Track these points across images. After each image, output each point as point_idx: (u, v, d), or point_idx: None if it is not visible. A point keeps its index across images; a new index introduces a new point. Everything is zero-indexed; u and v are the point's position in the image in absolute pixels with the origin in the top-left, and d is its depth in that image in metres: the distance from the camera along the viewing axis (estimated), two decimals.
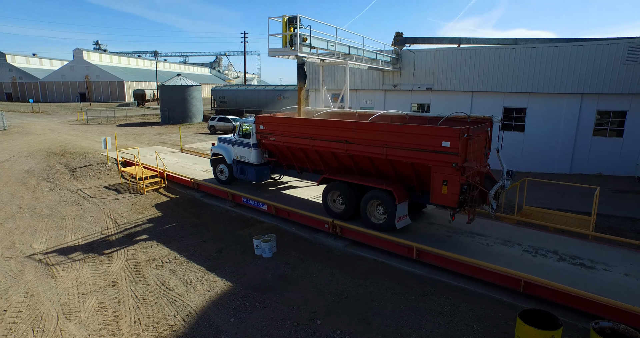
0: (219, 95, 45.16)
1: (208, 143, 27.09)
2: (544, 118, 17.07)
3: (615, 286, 7.12)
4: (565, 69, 16.17)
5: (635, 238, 10.20)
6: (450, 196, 8.36)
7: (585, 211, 12.08)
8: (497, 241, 9.15)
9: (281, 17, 11.65)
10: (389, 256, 9.21)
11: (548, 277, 7.27)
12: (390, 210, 9.36)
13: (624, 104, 15.73)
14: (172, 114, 40.31)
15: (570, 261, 8.11)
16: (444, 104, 19.53)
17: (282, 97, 41.43)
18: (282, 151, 11.95)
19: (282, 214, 11.47)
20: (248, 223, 11.78)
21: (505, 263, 7.92)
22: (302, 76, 12.21)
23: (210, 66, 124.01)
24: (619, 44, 15.29)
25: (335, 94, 23.39)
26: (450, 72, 18.87)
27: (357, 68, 18.76)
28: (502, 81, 17.61)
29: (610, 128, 16.20)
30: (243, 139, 13.02)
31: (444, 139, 8.09)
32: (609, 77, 15.54)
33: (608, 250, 8.67)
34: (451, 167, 8.15)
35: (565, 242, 9.04)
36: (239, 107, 44.30)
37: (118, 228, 11.46)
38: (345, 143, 9.80)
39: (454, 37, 19.60)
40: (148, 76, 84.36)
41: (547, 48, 16.53)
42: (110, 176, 17.37)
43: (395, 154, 8.97)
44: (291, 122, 11.05)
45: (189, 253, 9.73)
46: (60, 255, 9.72)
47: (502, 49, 17.61)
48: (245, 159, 13.03)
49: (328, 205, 10.73)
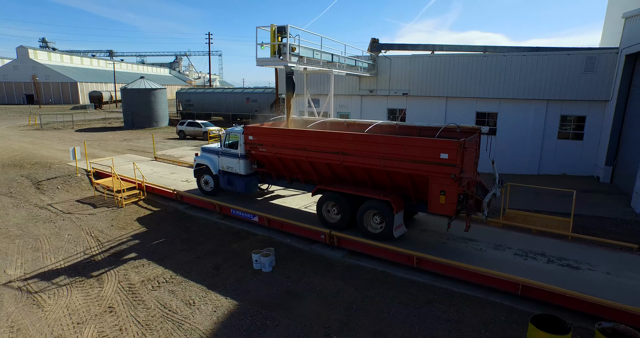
0: (184, 98, 43.81)
1: (180, 149, 26.26)
2: (513, 122, 18.09)
3: (602, 285, 7.72)
4: (532, 76, 17.23)
5: (605, 236, 11.09)
6: (448, 206, 8.69)
7: (559, 211, 12.95)
8: (489, 246, 9.62)
9: (269, 26, 11.54)
10: (388, 265, 9.41)
11: (541, 279, 7.76)
12: (387, 220, 9.57)
13: (584, 109, 17.02)
14: (136, 119, 38.60)
15: (557, 263, 8.69)
16: (419, 110, 20.17)
17: (250, 101, 40.92)
18: (272, 161, 11.85)
19: (275, 225, 11.38)
20: (240, 235, 11.58)
21: (501, 267, 8.35)
22: (290, 86, 12.16)
23: (170, 66, 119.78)
24: (578, 55, 16.52)
25: (313, 99, 23.47)
26: (425, 79, 19.50)
27: (335, 74, 18.92)
28: (474, 87, 18.46)
29: (572, 132, 17.46)
30: (230, 149, 12.76)
31: (443, 151, 8.39)
32: (570, 85, 16.75)
33: (588, 250, 9.38)
34: (449, 178, 8.47)
35: (550, 244, 9.66)
36: (206, 110, 43.26)
37: (102, 247, 10.87)
38: (341, 154, 9.89)
39: (428, 44, 20.28)
40: (104, 76, 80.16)
41: (516, 56, 17.53)
42: (82, 188, 16.41)
43: (393, 166, 9.18)
44: (284, 134, 10.99)
45: (185, 271, 9.43)
46: (43, 281, 9.08)
47: (473, 57, 18.46)
48: (233, 169, 12.79)
49: (323, 216, 10.78)
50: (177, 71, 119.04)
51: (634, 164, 14.58)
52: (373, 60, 20.23)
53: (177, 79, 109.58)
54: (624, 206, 13.47)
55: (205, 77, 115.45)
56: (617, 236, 11.27)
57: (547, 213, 12.91)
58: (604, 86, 16.25)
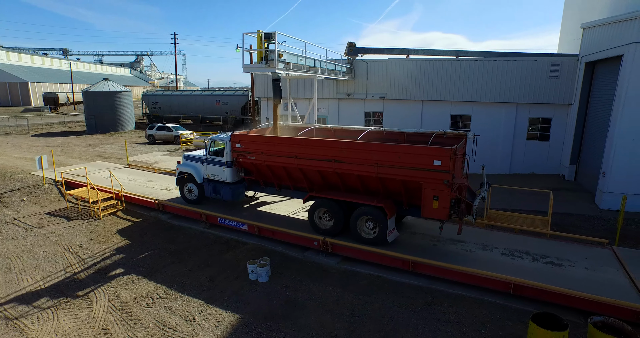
0: (151, 100, 42.24)
1: (152, 154, 25.34)
2: (486, 124, 18.93)
3: (583, 280, 8.30)
4: (502, 80, 18.12)
5: (577, 232, 11.90)
6: (441, 210, 9.01)
7: (534, 209, 13.75)
8: (477, 246, 10.06)
9: (255, 32, 11.43)
10: (383, 270, 9.61)
11: (529, 277, 8.24)
12: (381, 225, 9.77)
13: (549, 112, 18.13)
14: (100, 123, 36.85)
15: (541, 261, 9.24)
16: (396, 112, 20.65)
17: (221, 103, 40.13)
18: (261, 169, 11.74)
19: (266, 234, 11.29)
20: (230, 245, 11.39)
21: (491, 267, 8.77)
22: (277, 92, 12.09)
23: (130, 66, 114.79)
24: (544, 61, 17.57)
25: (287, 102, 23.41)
26: (402, 82, 19.99)
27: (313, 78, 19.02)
28: (449, 90, 19.14)
29: (540, 133, 18.54)
30: (215, 157, 12.52)
31: (436, 158, 8.69)
32: (537, 89, 17.78)
33: (566, 247, 10.04)
34: (442, 183, 8.78)
35: (532, 242, 10.25)
36: (175, 113, 41.95)
37: (84, 263, 10.33)
38: (334, 161, 9.98)
39: (403, 48, 20.80)
40: (59, 76, 75.50)
41: (487, 61, 18.37)
42: (51, 200, 15.48)
43: (386, 173, 9.38)
44: (274, 141, 10.93)
45: (178, 285, 9.17)
46: (22, 305, 8.50)
47: (448, 61, 19.14)
48: (219, 177, 12.56)
49: (315, 222, 10.82)
50: (139, 71, 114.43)
51: (595, 163, 15.72)
52: (350, 64, 20.48)
53: (139, 79, 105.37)
54: (590, 203, 14.48)
55: (169, 78, 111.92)
56: (587, 231, 12.13)
57: (523, 211, 13.66)
58: (567, 91, 17.39)
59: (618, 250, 9.74)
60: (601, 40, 14.81)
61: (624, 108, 12.70)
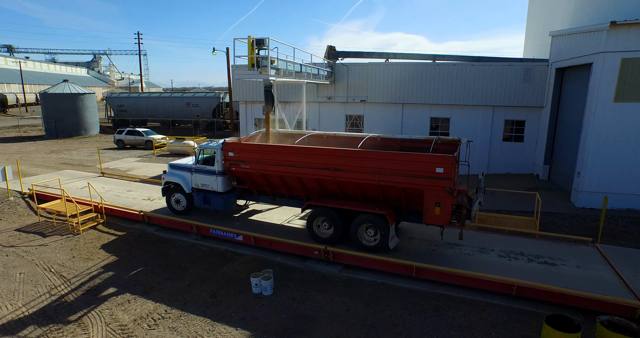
0: (116, 103, 40.30)
1: (124, 161, 24.14)
2: (464, 127, 19.58)
3: (577, 278, 8.76)
4: (480, 84, 18.82)
5: (560, 231, 12.57)
6: (443, 216, 9.20)
7: (517, 210, 14.38)
8: (474, 249, 10.36)
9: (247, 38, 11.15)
10: (386, 276, 9.68)
11: (528, 278, 8.59)
12: (383, 232, 9.84)
13: (523, 114, 19.04)
14: (60, 127, 34.70)
15: (536, 261, 9.67)
16: (377, 116, 20.91)
17: (191, 105, 38.99)
18: (254, 178, 11.48)
19: (263, 244, 11.06)
20: (225, 257, 11.06)
21: (492, 270, 9.07)
22: (270, 99, 11.86)
23: (87, 66, 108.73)
24: (518, 66, 18.42)
25: None
26: (382, 86, 20.26)
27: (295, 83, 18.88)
28: (428, 94, 19.62)
29: (514, 135, 19.43)
30: (205, 166, 12.10)
31: (438, 165, 8.85)
32: (512, 93, 18.62)
33: (555, 246, 10.56)
34: (444, 190, 8.96)
35: (524, 243, 10.70)
36: (142, 116, 40.33)
37: (70, 284, 9.66)
38: (333, 170, 9.93)
39: (382, 52, 21.06)
40: (6, 76, 70.02)
41: (465, 66, 19.01)
42: (19, 215, 14.37)
43: (388, 180, 9.44)
44: (270, 150, 10.70)
45: (179, 303, 8.78)
46: (6, 336, 7.81)
47: (426, 65, 19.61)
48: (209, 187, 12.15)
49: (314, 231, 10.73)
50: (97, 71, 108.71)
51: (567, 163, 16.68)
52: (331, 67, 20.49)
53: (97, 80, 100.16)
54: (566, 202, 15.34)
55: (130, 79, 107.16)
56: (568, 230, 12.84)
57: (506, 212, 14.25)
58: (539, 94, 18.33)
59: (601, 247, 10.36)
60: (570, 48, 15.73)
61: (596, 113, 13.55)
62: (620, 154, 13.63)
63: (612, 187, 14.00)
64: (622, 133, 13.44)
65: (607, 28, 12.74)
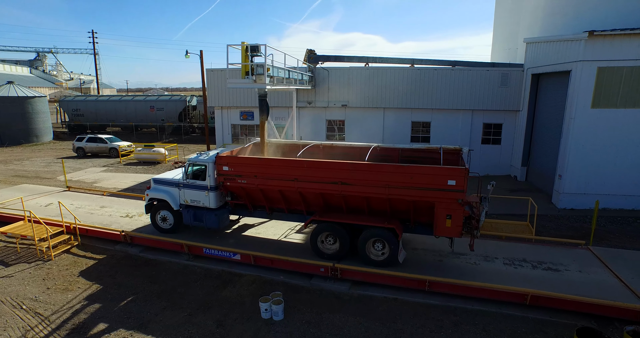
0: (71, 107, 37.40)
1: (88, 171, 22.30)
2: (444, 130, 19.93)
3: (582, 284, 8.99)
4: (459, 88, 19.20)
5: (548, 233, 12.99)
6: (454, 229, 9.11)
7: (505, 213, 14.71)
8: (479, 258, 10.40)
9: (240, 44, 10.49)
10: (397, 291, 9.45)
11: (537, 286, 8.71)
12: (392, 246, 9.62)
13: (500, 118, 19.67)
14: (6, 133, 31.70)
15: (540, 267, 9.85)
16: (358, 120, 20.76)
17: (155, 109, 37.04)
18: (252, 193, 10.85)
19: (263, 263, 10.47)
20: (224, 279, 10.35)
21: (501, 279, 9.14)
22: (264, 109, 11.24)
23: (30, 64, 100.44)
24: (495, 71, 18.99)
25: (244, 111, 22.32)
26: (363, 90, 20.15)
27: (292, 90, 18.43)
28: (409, 98, 19.75)
29: (492, 138, 20.03)
30: (195, 181, 11.29)
31: (450, 178, 8.74)
32: (490, 97, 19.17)
33: (552, 250, 10.85)
34: (456, 202, 8.87)
35: (523, 249, 10.90)
36: (101, 121, 37.76)
37: (50, 323, 8.55)
38: (340, 184, 9.55)
39: (362, 56, 20.92)
40: None
41: (445, 70, 19.32)
42: None
43: (398, 194, 9.21)
44: (270, 164, 10.12)
45: (184, 336, 8.02)
46: None
47: (407, 70, 19.73)
48: (200, 203, 11.36)
49: (318, 247, 10.31)
50: (42, 70, 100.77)
51: (544, 165, 17.40)
52: (311, 71, 20.07)
53: (43, 80, 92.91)
54: (547, 203, 15.94)
55: (81, 79, 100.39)
56: (555, 231, 13.31)
57: (495, 216, 14.54)
58: (515, 98, 19.00)
59: (595, 250, 10.77)
60: (546, 55, 16.38)
61: (576, 118, 14.16)
62: (596, 157, 14.35)
63: (589, 188, 14.72)
64: (598, 137, 14.15)
65: (585, 38, 13.32)
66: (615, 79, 13.50)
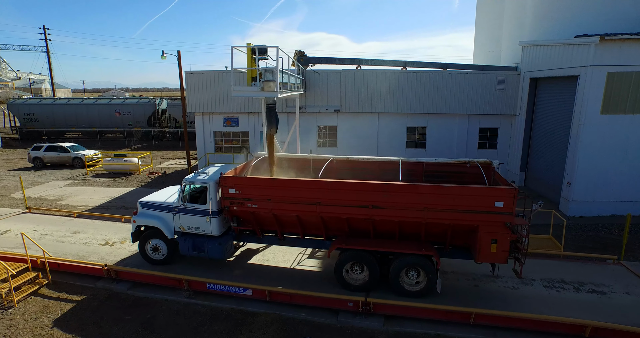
0: (23, 111, 33.72)
1: (50, 186, 19.68)
2: (441, 135, 19.29)
3: (635, 308, 8.38)
4: (456, 92, 18.60)
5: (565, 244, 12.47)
6: (500, 254, 8.21)
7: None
8: (515, 280, 9.60)
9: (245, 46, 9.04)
10: (437, 326, 8.40)
11: (589, 314, 8.03)
12: (430, 275, 8.61)
13: (496, 122, 19.28)
14: None
15: (584, 290, 9.18)
16: (351, 126, 19.72)
17: (122, 113, 34.19)
18: (262, 218, 9.44)
19: (280, 298, 9.12)
20: (235, 319, 8.87)
21: (549, 306, 8.42)
22: (274, 120, 9.82)
23: None
24: (492, 75, 18.53)
25: (228, 117, 20.66)
26: (357, 94, 19.10)
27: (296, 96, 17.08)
28: (404, 102, 18.93)
29: (488, 142, 19.61)
30: (194, 204, 9.72)
31: (498, 199, 7.82)
32: (486, 101, 18.71)
33: (586, 268, 10.27)
34: (502, 226, 7.97)
35: (555, 267, 10.27)
36: (59, 126, 34.33)
37: None
38: (371, 208, 8.38)
39: (354, 58, 19.84)
40: None
41: (441, 74, 18.64)
42: None
43: (436, 217, 8.19)
44: (288, 185, 8.75)
45: None
46: None
47: (402, 73, 18.89)
48: (200, 230, 9.82)
49: (344, 277, 9.10)
50: None
51: (544, 170, 17.12)
52: (302, 74, 18.75)
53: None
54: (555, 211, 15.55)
55: (31, 79, 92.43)
56: (573, 242, 12.85)
57: None
58: (512, 102, 18.65)
59: (629, 265, 10.30)
60: (547, 59, 16.04)
61: (585, 125, 13.82)
62: (606, 164, 14.11)
63: (597, 195, 14.48)
64: (608, 143, 13.89)
65: (595, 42, 12.96)
66: (625, 84, 13.27)
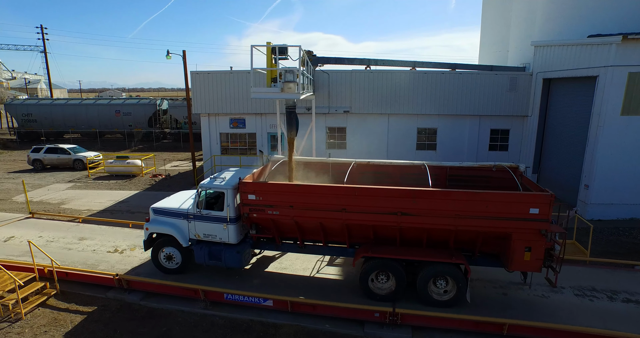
0: (22, 111, 33.10)
1: (52, 189, 19.16)
2: (451, 137, 18.95)
3: None
4: (466, 93, 18.27)
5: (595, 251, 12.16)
6: (533, 262, 7.89)
7: None
8: (545, 288, 9.29)
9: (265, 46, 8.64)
10: (467, 337, 8.09)
11: (629, 326, 7.69)
12: (460, 284, 8.27)
13: (507, 123, 18.98)
14: None
15: (618, 299, 8.88)
16: (361, 128, 19.35)
17: (122, 114, 33.65)
18: (283, 225, 9.06)
19: (303, 309, 8.74)
20: (257, 331, 8.48)
21: (583, 316, 8.21)
22: (294, 123, 9.47)
23: None
24: (504, 75, 18.23)
25: (234, 118, 20.25)
26: (367, 95, 18.73)
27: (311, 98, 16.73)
28: (414, 103, 18.58)
29: (499, 144, 19.30)
30: (210, 211, 9.32)
31: (533, 205, 7.50)
32: (498, 102, 18.40)
33: (615, 275, 9.98)
34: (537, 233, 7.65)
35: (583, 274, 9.97)
36: (58, 127, 33.76)
37: None
38: (400, 214, 8.02)
39: (363, 58, 19.45)
40: None
41: (452, 75, 18.31)
42: None
43: (466, 224, 7.85)
44: (313, 192, 8.36)
45: None
46: None
47: (412, 73, 18.54)
48: (216, 238, 9.42)
49: (369, 287, 8.74)
50: None
51: (559, 173, 16.84)
52: (311, 75, 18.34)
53: None
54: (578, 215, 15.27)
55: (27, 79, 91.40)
56: (597, 246, 12.53)
57: None
58: (524, 103, 18.36)
59: None
60: (562, 59, 15.76)
61: (604, 126, 13.54)
62: (625, 166, 13.83)
63: (615, 198, 14.20)
64: (628, 145, 13.62)
65: (617, 42, 12.67)
66: None
